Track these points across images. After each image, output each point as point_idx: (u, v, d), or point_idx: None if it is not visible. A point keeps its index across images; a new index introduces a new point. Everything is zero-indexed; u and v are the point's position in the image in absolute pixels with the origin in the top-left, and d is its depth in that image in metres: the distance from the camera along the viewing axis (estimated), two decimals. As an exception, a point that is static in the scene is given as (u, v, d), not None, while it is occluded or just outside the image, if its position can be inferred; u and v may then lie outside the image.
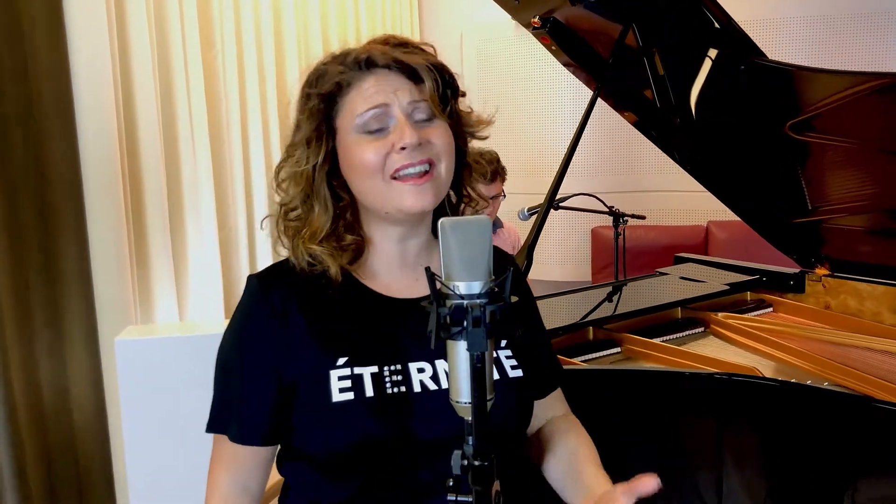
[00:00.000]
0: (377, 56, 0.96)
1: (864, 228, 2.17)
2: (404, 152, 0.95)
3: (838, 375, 1.70)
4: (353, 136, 0.97)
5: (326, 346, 0.97)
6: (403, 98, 0.96)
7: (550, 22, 1.65)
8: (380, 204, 0.98)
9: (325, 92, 0.98)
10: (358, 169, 0.97)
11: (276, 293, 0.99)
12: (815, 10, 3.80)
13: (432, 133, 0.97)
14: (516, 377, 1.02)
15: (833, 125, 1.93)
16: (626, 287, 2.49)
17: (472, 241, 0.72)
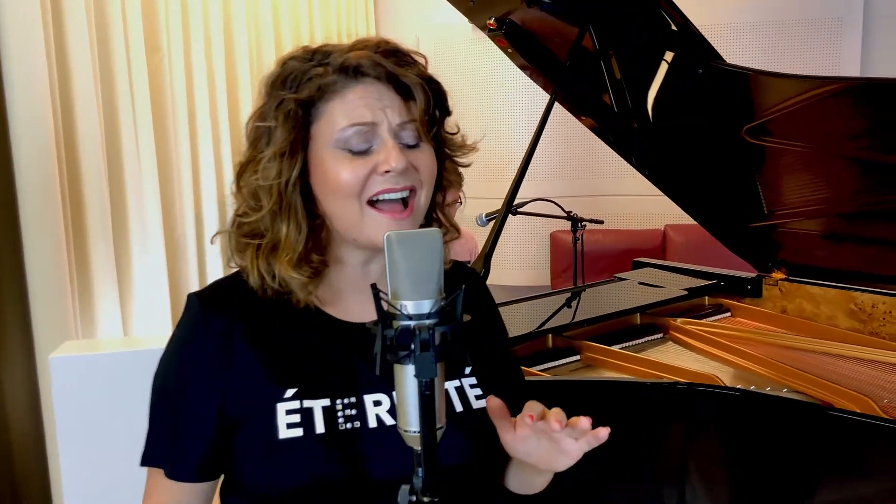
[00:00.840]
0: (367, 65, 0.87)
1: (819, 232, 2.18)
2: (388, 176, 0.86)
3: (796, 381, 1.70)
4: (331, 151, 0.87)
5: (274, 376, 0.88)
6: (393, 118, 0.87)
7: (506, 24, 1.61)
8: (349, 230, 0.89)
9: (304, 97, 0.87)
10: (331, 188, 0.87)
11: (220, 316, 0.90)
12: (767, 16, 3.84)
13: (418, 158, 0.89)
14: (482, 407, 0.93)
15: (788, 129, 1.93)
16: (585, 293, 2.47)
17: (422, 255, 0.66)
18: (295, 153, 0.87)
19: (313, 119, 0.88)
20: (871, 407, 1.49)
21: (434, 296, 0.66)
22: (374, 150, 0.87)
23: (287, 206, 0.88)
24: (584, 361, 1.95)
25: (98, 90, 2.44)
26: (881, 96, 1.72)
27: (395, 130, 0.87)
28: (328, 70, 0.87)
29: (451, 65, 4.28)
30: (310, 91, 0.86)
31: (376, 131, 0.87)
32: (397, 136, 0.88)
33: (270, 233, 0.89)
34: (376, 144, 0.87)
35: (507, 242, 4.33)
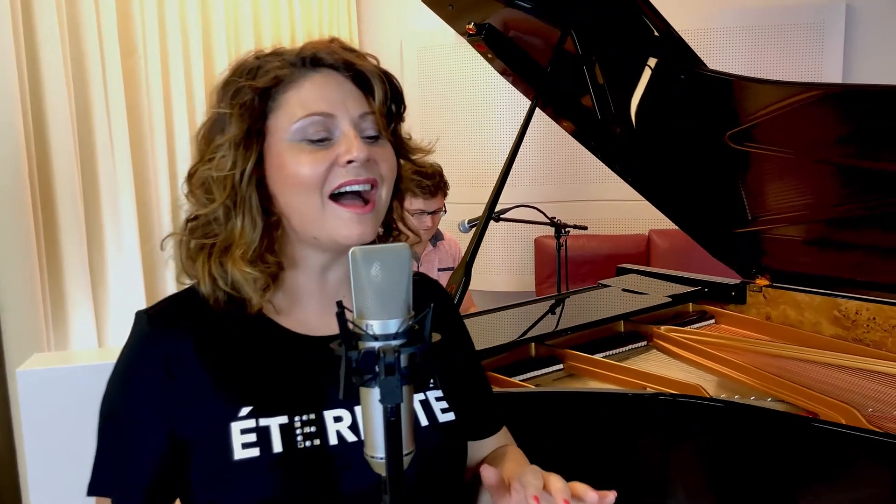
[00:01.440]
0: (324, 54, 0.85)
1: (803, 238, 2.17)
2: (350, 167, 0.83)
3: (781, 390, 1.68)
4: (288, 144, 0.84)
5: (227, 394, 0.83)
6: (354, 109, 0.85)
7: (486, 28, 1.58)
8: (310, 227, 0.85)
9: (261, 86, 0.84)
10: (290, 182, 0.84)
11: (170, 335, 0.85)
12: (750, 21, 3.84)
13: (378, 152, 0.86)
14: (447, 421, 0.90)
15: (771, 135, 1.92)
16: (569, 300, 2.44)
17: (389, 272, 0.63)
18: (250, 144, 0.84)
19: (270, 111, 0.85)
20: (856, 417, 1.47)
21: (402, 315, 0.63)
22: (335, 142, 0.84)
23: (242, 200, 0.84)
24: (568, 370, 1.92)
25: (71, 94, 2.38)
26: (863, 103, 1.71)
27: (356, 122, 0.85)
28: (284, 62, 0.85)
29: (435, 70, 4.25)
30: (266, 81, 0.84)
31: (336, 122, 0.84)
32: (357, 127, 0.85)
33: (224, 230, 0.85)
34: (336, 135, 0.84)
35: (492, 248, 4.30)
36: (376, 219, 0.87)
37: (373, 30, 4.42)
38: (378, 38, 4.41)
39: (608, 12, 1.73)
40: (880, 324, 2.05)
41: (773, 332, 2.15)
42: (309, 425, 0.82)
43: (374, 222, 0.86)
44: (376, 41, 4.41)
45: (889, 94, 1.63)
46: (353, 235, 0.84)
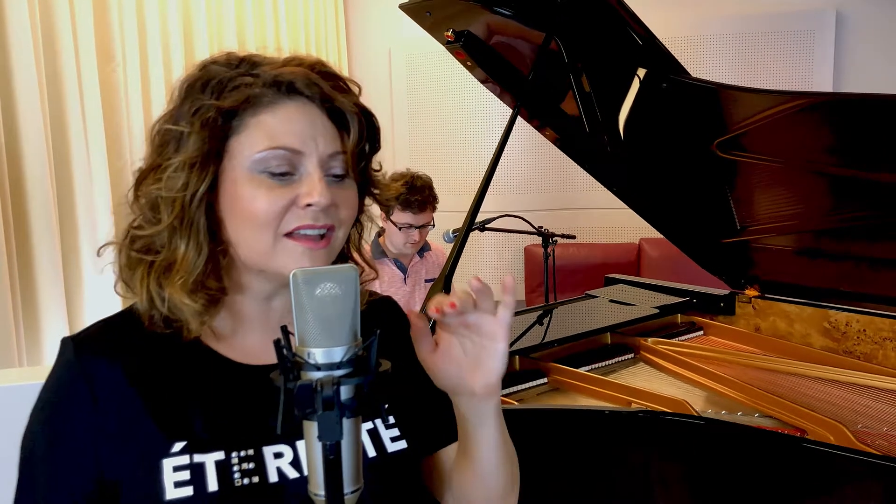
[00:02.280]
0: (301, 83, 0.78)
1: (792, 249, 2.13)
2: (309, 210, 0.77)
3: (769, 406, 1.64)
4: (247, 173, 0.77)
5: (160, 429, 0.76)
6: (324, 147, 0.78)
7: (465, 36, 1.54)
8: (258, 260, 0.80)
9: (227, 107, 0.77)
10: (244, 215, 0.78)
11: (98, 363, 0.78)
12: (740, 29, 3.82)
13: (341, 196, 0.81)
14: (397, 451, 0.85)
15: (759, 144, 1.89)
16: (556, 311, 2.40)
17: (333, 297, 0.59)
18: (206, 166, 0.77)
19: (233, 132, 0.78)
20: (845, 434, 1.43)
21: (347, 342, 0.59)
22: (297, 180, 0.78)
23: (189, 224, 0.78)
24: (552, 384, 1.88)
25: (45, 101, 2.32)
26: (851, 112, 1.68)
27: (324, 161, 0.79)
28: (258, 81, 0.78)
29: (424, 78, 4.22)
30: (234, 100, 0.77)
31: (302, 160, 0.78)
32: (325, 166, 0.79)
33: (167, 250, 0.79)
34: (300, 173, 0.78)
35: (481, 257, 4.26)
36: (329, 255, 0.81)
37: (361, 37, 4.38)
38: (366, 45, 4.38)
39: (591, 20, 1.69)
40: (871, 336, 2.01)
41: (762, 344, 2.12)
42: (247, 461, 0.77)
43: (326, 258, 0.81)
44: (365, 49, 4.38)
45: (877, 103, 1.60)
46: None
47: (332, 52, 4.10)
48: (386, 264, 2.65)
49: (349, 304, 0.59)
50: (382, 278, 2.62)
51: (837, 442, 1.44)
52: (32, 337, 2.29)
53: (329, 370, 0.57)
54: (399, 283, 2.65)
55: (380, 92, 4.38)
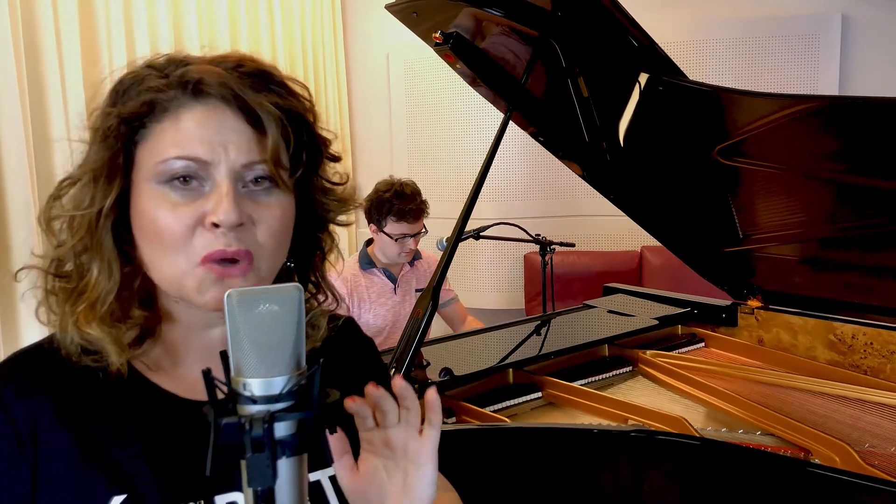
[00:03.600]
0: (211, 83, 0.68)
1: (797, 258, 2.07)
2: (217, 231, 0.67)
3: (771, 424, 1.57)
4: (151, 186, 0.69)
5: (96, 479, 0.67)
6: (236, 157, 0.68)
7: (453, 37, 1.48)
8: (169, 286, 0.71)
9: (127, 113, 0.68)
10: (149, 236, 0.69)
11: (22, 403, 0.68)
12: (744, 33, 3.75)
13: (263, 211, 0.70)
14: None
15: (762, 150, 1.83)
16: (553, 322, 2.34)
17: (272, 320, 0.52)
18: (112, 179, 0.69)
19: (140, 140, 0.70)
20: (851, 456, 1.36)
21: (288, 371, 0.52)
22: (206, 193, 0.68)
23: (97, 244, 0.69)
24: (547, 399, 1.81)
25: (26, 107, 2.26)
26: (857, 115, 1.61)
27: (239, 172, 0.69)
28: (164, 83, 0.69)
29: (423, 83, 4.16)
30: (135, 106, 0.68)
31: (210, 170, 0.68)
32: (240, 178, 0.69)
33: (76, 274, 0.71)
34: (209, 186, 0.68)
35: (481, 265, 4.19)
36: (251, 283, 0.70)
37: (359, 42, 4.33)
38: (365, 50, 4.32)
39: (585, 21, 1.63)
40: (878, 349, 1.94)
41: (765, 357, 2.04)
42: None
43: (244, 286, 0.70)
44: (363, 54, 4.32)
45: (885, 107, 1.54)
46: (213, 302, 0.68)
47: (329, 58, 4.04)
48: (375, 274, 2.58)
49: (290, 329, 0.52)
50: (371, 289, 2.56)
51: (843, 463, 1.37)
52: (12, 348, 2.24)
53: (267, 403, 0.51)
54: (388, 294, 2.58)
55: (378, 97, 4.32)
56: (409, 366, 1.47)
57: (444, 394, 1.71)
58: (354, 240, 4.22)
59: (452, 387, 1.74)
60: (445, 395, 1.71)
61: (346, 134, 4.32)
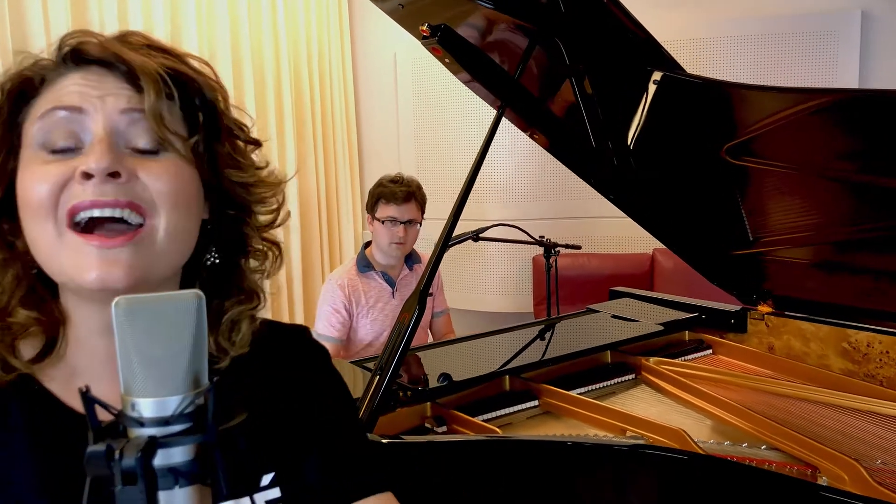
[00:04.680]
0: (90, 47, 0.64)
1: (809, 262, 1.98)
2: (89, 184, 0.60)
3: (777, 437, 1.48)
4: (28, 153, 0.64)
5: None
6: (113, 104, 0.63)
7: (441, 30, 1.42)
8: (48, 265, 0.63)
9: (9, 89, 0.65)
10: (22, 206, 0.63)
11: None
12: (759, 30, 3.65)
13: (152, 166, 0.63)
14: None
15: (773, 148, 1.74)
16: (556, 326, 2.26)
17: (166, 331, 0.46)
18: None
19: (23, 120, 0.65)
20: (861, 474, 1.27)
21: (183, 389, 0.46)
22: (82, 152, 0.63)
23: None
24: (543, 407, 1.74)
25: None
26: (875, 110, 1.51)
27: (118, 123, 0.63)
28: (45, 60, 0.66)
29: (432, 83, 4.10)
30: (13, 81, 0.65)
31: (85, 123, 0.62)
32: (120, 135, 0.63)
33: None
34: (86, 141, 0.63)
35: (489, 267, 4.12)
36: (143, 257, 0.63)
37: (366, 42, 4.27)
38: (371, 50, 4.27)
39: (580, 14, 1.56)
40: (894, 358, 1.84)
41: (774, 365, 1.96)
42: None
43: (134, 261, 0.62)
44: (370, 53, 4.27)
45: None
46: (98, 277, 0.60)
47: (335, 57, 3.99)
48: (372, 278, 2.52)
49: (187, 342, 0.46)
50: (369, 293, 2.50)
51: (852, 482, 1.28)
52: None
53: (157, 426, 0.44)
54: (387, 298, 2.52)
55: (385, 96, 4.27)
56: (394, 374, 1.40)
57: (436, 401, 1.65)
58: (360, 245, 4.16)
59: (445, 394, 1.68)
60: (437, 402, 1.65)
61: (354, 135, 4.27)
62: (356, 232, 4.23)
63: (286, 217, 0.75)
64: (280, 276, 3.54)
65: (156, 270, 0.64)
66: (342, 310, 2.43)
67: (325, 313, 2.43)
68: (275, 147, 3.47)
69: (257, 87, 3.30)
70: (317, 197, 3.84)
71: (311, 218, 3.79)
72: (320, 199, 3.87)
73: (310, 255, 3.80)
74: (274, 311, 3.47)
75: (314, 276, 3.83)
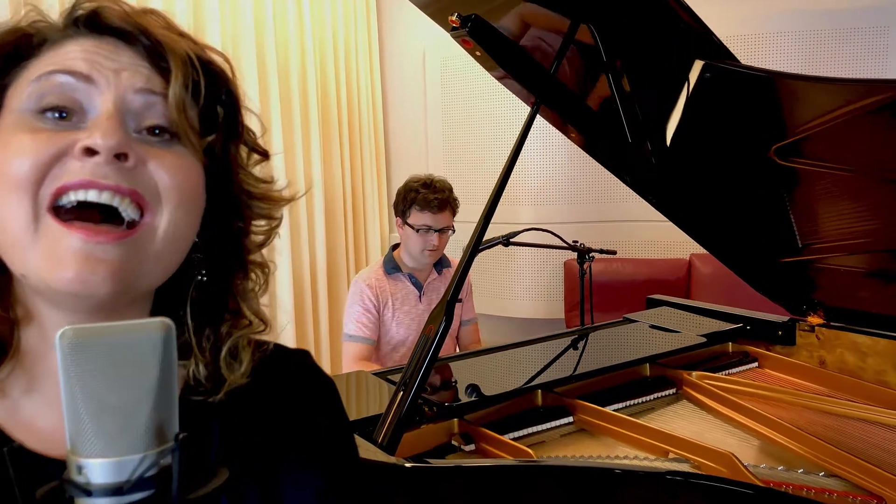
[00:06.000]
0: (110, 13, 0.55)
1: (864, 270, 1.85)
2: (89, 161, 0.51)
3: (837, 463, 1.36)
4: (14, 116, 0.53)
5: None
6: (129, 80, 0.54)
7: (472, 20, 1.32)
8: (15, 256, 0.52)
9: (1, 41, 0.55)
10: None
11: None
12: (804, 25, 3.49)
13: (165, 157, 0.54)
14: None
15: (827, 149, 1.62)
16: (590, 337, 2.14)
17: (124, 371, 0.36)
18: None
19: (10, 82, 0.55)
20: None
21: (143, 447, 0.36)
22: (84, 125, 0.52)
23: None
24: (578, 425, 1.63)
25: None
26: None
27: (131, 102, 0.54)
28: (49, 20, 0.56)
29: (461, 82, 4.00)
30: (6, 35, 0.55)
31: (92, 93, 0.53)
32: (133, 115, 0.54)
33: None
34: (90, 114, 0.53)
35: (520, 272, 4.01)
36: (135, 261, 0.52)
37: (394, 39, 4.18)
38: (400, 47, 4.18)
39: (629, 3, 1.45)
40: (961, 376, 1.70)
41: (826, 380, 1.82)
42: None
43: (123, 264, 0.51)
44: (398, 51, 4.18)
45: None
46: (69, 277, 0.50)
47: (362, 55, 3.91)
48: (400, 280, 2.42)
49: (149, 385, 0.36)
50: (395, 295, 2.41)
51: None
52: None
53: (109, 496, 0.35)
54: (413, 301, 2.42)
55: (413, 95, 4.18)
56: (419, 390, 1.30)
57: (464, 417, 1.55)
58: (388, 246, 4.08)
59: (474, 409, 1.58)
60: (465, 419, 1.55)
61: (381, 135, 4.18)
62: (382, 233, 4.14)
63: (274, 237, 0.65)
64: (304, 277, 3.47)
65: (145, 278, 0.54)
66: (372, 309, 2.35)
67: (355, 313, 2.35)
68: (300, 146, 3.39)
69: (282, 85, 3.23)
70: (342, 197, 3.76)
71: (336, 218, 3.71)
72: (346, 199, 3.79)
73: (335, 255, 3.72)
74: (297, 313, 3.39)
75: (339, 277, 3.76)
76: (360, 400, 1.68)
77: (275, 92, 3.16)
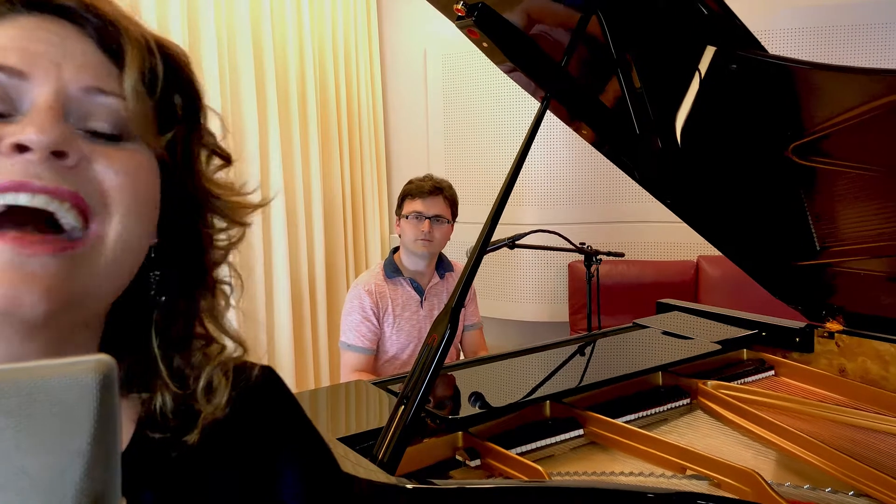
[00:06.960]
0: None
1: (886, 274, 1.76)
2: (19, 159, 0.43)
3: (867, 482, 1.27)
4: None
5: None
6: (73, 76, 0.47)
7: (479, 9, 1.24)
8: None
9: None
10: None
11: None
12: (815, 22, 3.41)
13: (111, 153, 0.47)
14: None
15: (848, 148, 1.55)
16: (598, 343, 2.06)
17: (48, 426, 0.28)
18: None
19: None
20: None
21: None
22: (14, 120, 0.45)
23: None
24: (589, 437, 1.55)
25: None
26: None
27: (69, 95, 0.46)
28: None
29: (463, 80, 3.92)
30: None
31: (27, 88, 0.45)
32: (77, 111, 0.47)
33: None
34: (24, 110, 0.45)
35: (523, 274, 3.92)
36: (79, 277, 0.45)
37: (395, 37, 4.10)
38: (401, 45, 4.10)
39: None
40: None
41: (848, 390, 1.74)
42: None
43: (64, 281, 0.44)
44: (399, 49, 4.10)
45: None
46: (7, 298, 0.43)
47: (362, 52, 3.82)
48: (400, 284, 2.34)
49: (74, 448, 0.28)
50: (395, 300, 2.32)
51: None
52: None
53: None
54: (414, 307, 2.34)
55: (414, 95, 4.10)
56: (422, 404, 1.22)
57: (468, 430, 1.47)
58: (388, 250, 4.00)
59: (480, 422, 1.49)
60: (470, 432, 1.46)
61: (381, 135, 4.10)
62: (382, 236, 4.06)
63: (237, 245, 0.56)
64: (302, 281, 3.38)
65: (92, 297, 0.47)
66: (372, 318, 2.28)
67: (353, 322, 2.27)
68: (298, 146, 3.31)
69: (280, 85, 3.14)
70: (342, 199, 3.67)
71: (335, 221, 3.62)
72: (345, 201, 3.70)
73: (334, 259, 3.63)
74: (295, 318, 3.30)
75: (338, 280, 3.67)
76: (359, 412, 1.60)
77: (273, 92, 3.08)
